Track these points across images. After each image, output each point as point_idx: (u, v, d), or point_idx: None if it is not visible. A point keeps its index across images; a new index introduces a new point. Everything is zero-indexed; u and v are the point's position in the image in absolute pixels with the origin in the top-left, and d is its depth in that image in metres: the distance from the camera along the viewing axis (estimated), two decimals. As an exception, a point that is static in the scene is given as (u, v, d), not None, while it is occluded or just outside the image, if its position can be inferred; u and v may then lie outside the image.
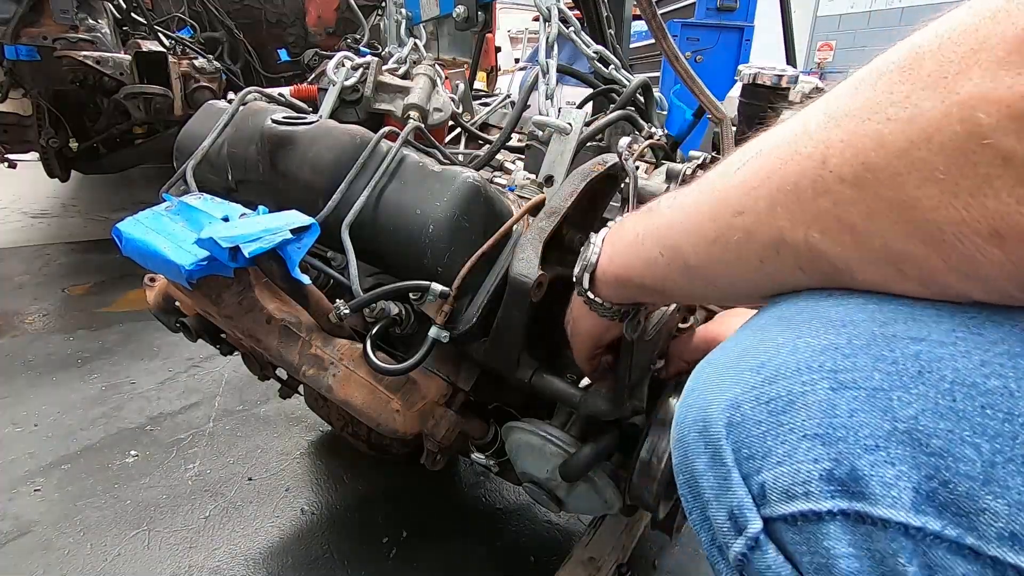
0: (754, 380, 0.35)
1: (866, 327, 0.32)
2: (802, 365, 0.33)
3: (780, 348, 0.34)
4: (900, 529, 0.28)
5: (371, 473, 1.33)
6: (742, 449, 0.34)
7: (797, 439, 0.32)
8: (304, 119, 0.81)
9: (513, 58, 7.42)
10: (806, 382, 0.32)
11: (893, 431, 0.29)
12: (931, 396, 0.29)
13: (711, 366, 0.39)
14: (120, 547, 1.12)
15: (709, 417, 0.36)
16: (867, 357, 0.31)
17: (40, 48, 2.29)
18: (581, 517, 1.22)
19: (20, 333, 1.95)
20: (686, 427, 0.38)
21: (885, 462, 0.29)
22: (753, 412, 0.34)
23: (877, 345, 0.31)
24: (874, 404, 0.30)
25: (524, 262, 0.64)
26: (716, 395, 0.36)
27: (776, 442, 0.32)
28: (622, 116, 0.95)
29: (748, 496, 0.34)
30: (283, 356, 0.73)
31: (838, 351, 0.32)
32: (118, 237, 0.71)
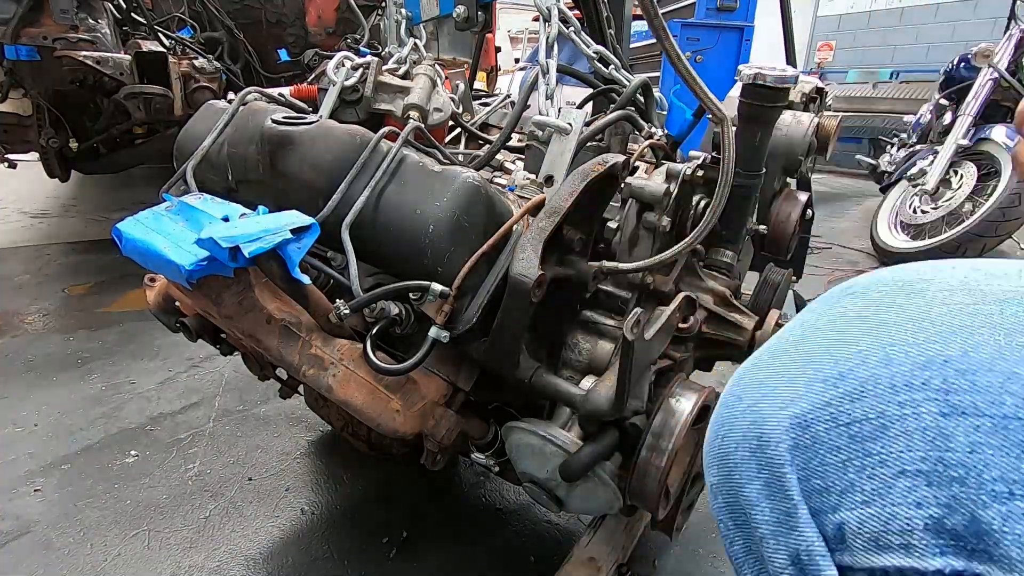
0: (831, 394, 0.28)
1: (986, 335, 0.25)
2: (898, 381, 0.26)
3: (866, 356, 0.28)
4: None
5: (371, 473, 1.33)
6: (813, 479, 0.28)
7: (892, 474, 0.25)
8: (304, 119, 0.80)
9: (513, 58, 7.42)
10: (905, 403, 0.26)
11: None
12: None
13: (764, 368, 0.32)
14: (120, 547, 1.12)
15: (767, 435, 0.30)
16: (992, 375, 0.24)
17: (40, 48, 2.29)
18: (581, 517, 1.22)
19: (20, 333, 1.95)
20: (733, 442, 0.32)
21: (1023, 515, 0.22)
22: (829, 435, 0.27)
23: (1005, 359, 0.24)
24: (1006, 438, 0.23)
25: (524, 262, 0.64)
26: (776, 407, 0.30)
27: (861, 475, 0.26)
28: (622, 116, 0.95)
29: (819, 538, 0.28)
30: (283, 356, 0.73)
31: (949, 365, 0.25)
32: (118, 237, 0.71)
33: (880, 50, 6.19)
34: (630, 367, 0.62)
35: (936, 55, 5.51)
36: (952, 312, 0.27)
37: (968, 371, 0.25)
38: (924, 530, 0.24)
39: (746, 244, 1.09)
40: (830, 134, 1.09)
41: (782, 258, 1.13)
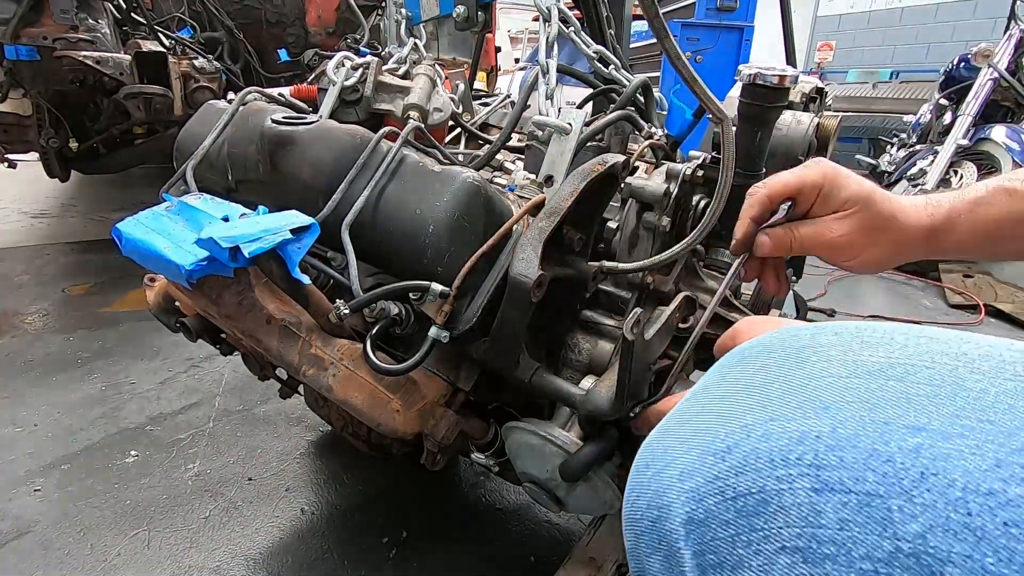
0: (719, 468, 0.29)
1: (853, 410, 0.26)
2: (776, 456, 0.27)
3: (750, 431, 0.29)
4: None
5: (371, 473, 1.33)
6: (707, 554, 0.28)
7: (774, 551, 0.26)
8: (304, 119, 0.80)
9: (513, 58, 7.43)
10: (781, 478, 0.26)
11: (896, 552, 0.23)
12: (939, 507, 0.23)
13: (669, 435, 0.33)
14: (120, 547, 1.12)
15: (665, 505, 0.30)
16: (856, 451, 0.25)
17: (40, 48, 2.29)
18: (581, 517, 1.22)
19: (20, 333, 1.95)
20: (638, 511, 0.32)
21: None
22: (718, 508, 0.28)
23: (867, 435, 0.25)
24: (869, 515, 0.24)
25: (524, 262, 0.64)
26: (674, 479, 0.30)
27: (748, 551, 0.27)
28: (622, 116, 0.95)
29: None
30: (283, 356, 0.73)
31: (820, 440, 0.26)
32: (118, 237, 0.71)
33: (880, 50, 6.19)
34: (630, 367, 0.62)
35: (936, 55, 5.51)
36: (827, 385, 0.28)
37: (836, 447, 0.26)
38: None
39: (746, 244, 1.09)
40: (830, 134, 1.08)
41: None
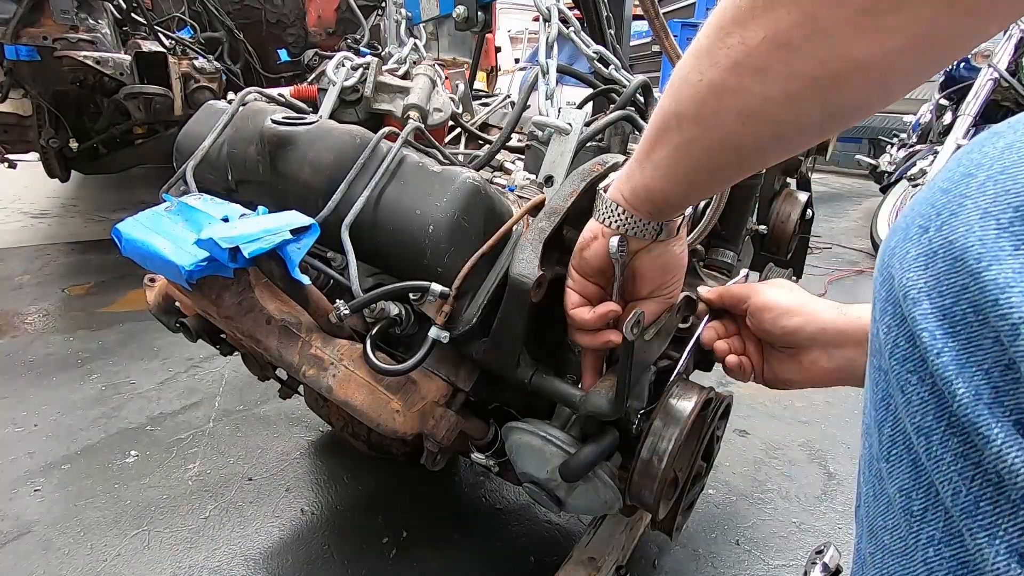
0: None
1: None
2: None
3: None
4: None
5: (371, 473, 1.33)
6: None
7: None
8: (304, 119, 0.80)
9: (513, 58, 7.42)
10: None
11: None
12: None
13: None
14: (120, 547, 1.12)
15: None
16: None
17: (40, 48, 2.29)
18: (581, 517, 1.22)
19: (20, 333, 1.95)
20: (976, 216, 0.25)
21: None
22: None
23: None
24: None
25: (524, 262, 0.64)
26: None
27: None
28: (622, 116, 0.95)
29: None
30: (283, 357, 0.73)
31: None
32: (118, 237, 0.71)
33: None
34: (630, 367, 0.62)
35: (936, 55, 5.48)
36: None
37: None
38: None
39: (746, 244, 1.09)
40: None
41: (782, 258, 1.14)
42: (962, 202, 0.26)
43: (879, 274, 0.31)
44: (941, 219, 0.27)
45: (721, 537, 1.20)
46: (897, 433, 0.28)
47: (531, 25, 7.69)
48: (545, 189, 0.86)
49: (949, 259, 0.26)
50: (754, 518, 1.25)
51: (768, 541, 1.19)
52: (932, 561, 0.25)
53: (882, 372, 0.29)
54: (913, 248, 0.28)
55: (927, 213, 0.28)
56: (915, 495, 0.27)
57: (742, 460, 1.43)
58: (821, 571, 0.83)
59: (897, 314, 0.28)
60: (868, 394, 0.32)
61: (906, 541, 0.27)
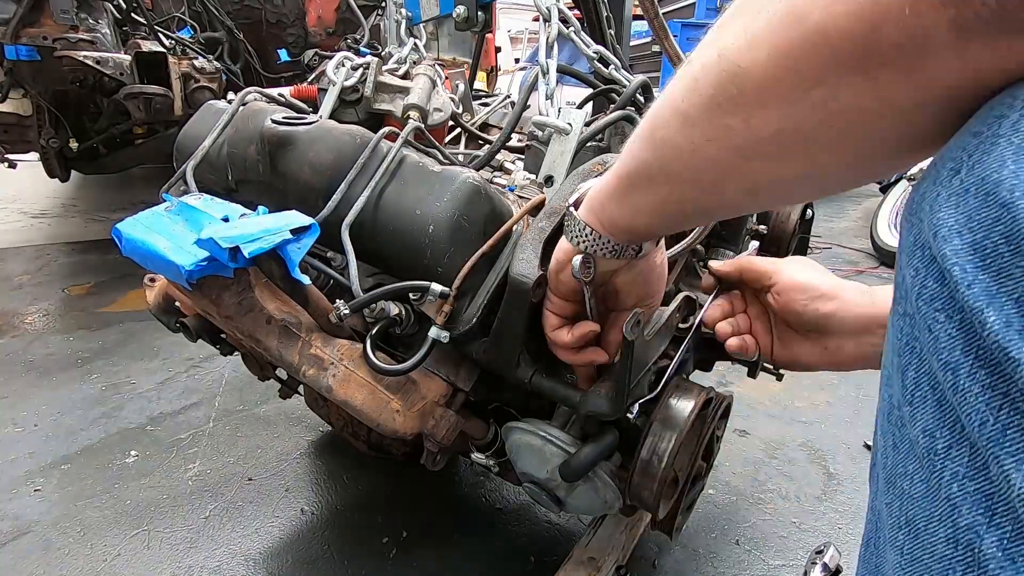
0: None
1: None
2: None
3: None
4: None
5: (371, 473, 1.33)
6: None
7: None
8: (304, 119, 0.80)
9: (513, 58, 7.42)
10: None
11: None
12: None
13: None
14: (120, 547, 1.12)
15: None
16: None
17: (40, 48, 2.30)
18: (581, 517, 1.22)
19: (20, 333, 1.95)
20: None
21: None
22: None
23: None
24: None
25: (524, 262, 0.64)
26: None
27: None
28: (622, 116, 0.95)
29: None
30: (283, 356, 0.73)
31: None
32: (118, 237, 0.71)
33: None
34: (630, 367, 0.62)
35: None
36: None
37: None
38: None
39: (746, 244, 1.09)
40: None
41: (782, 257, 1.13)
42: (995, 141, 0.26)
43: (906, 220, 0.31)
44: (973, 159, 0.26)
45: (721, 537, 1.20)
46: (922, 375, 0.28)
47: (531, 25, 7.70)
48: (545, 189, 0.86)
49: (981, 195, 0.25)
50: (754, 518, 1.25)
51: (768, 541, 1.19)
52: (956, 497, 0.25)
53: (908, 317, 0.29)
54: (944, 190, 0.27)
55: (958, 156, 0.28)
56: (939, 434, 0.26)
57: (742, 460, 1.43)
58: (821, 571, 0.84)
59: (926, 255, 0.28)
60: (890, 343, 0.32)
61: (928, 482, 0.27)
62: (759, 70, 0.32)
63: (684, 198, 0.44)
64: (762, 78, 0.32)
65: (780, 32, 0.31)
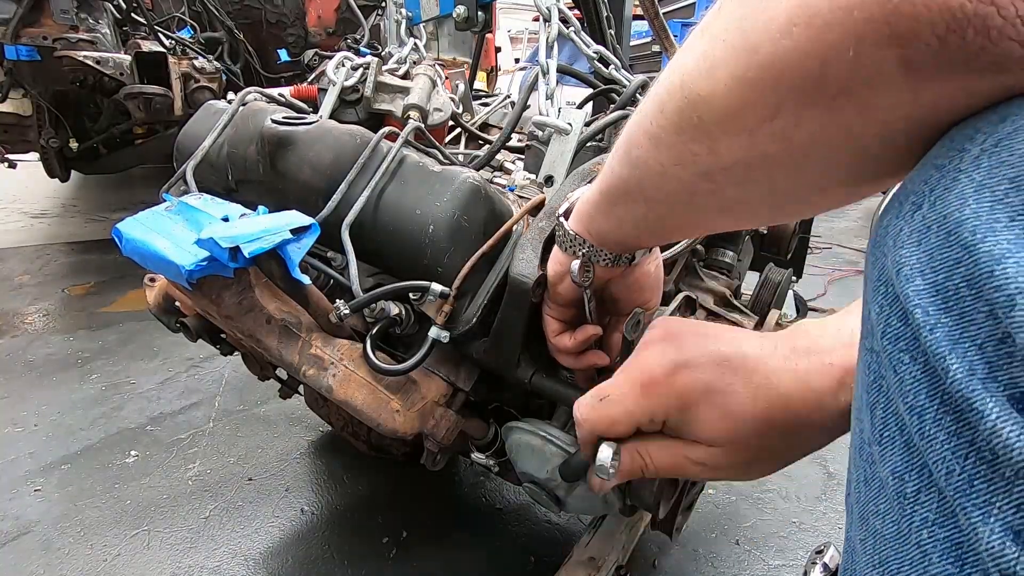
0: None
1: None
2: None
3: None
4: None
5: (371, 473, 1.33)
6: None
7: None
8: (304, 119, 0.80)
9: (513, 58, 7.43)
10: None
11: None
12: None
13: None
14: (120, 547, 1.12)
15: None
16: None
17: (40, 48, 2.30)
18: (581, 517, 1.22)
19: (20, 333, 1.95)
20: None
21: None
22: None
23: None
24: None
25: (524, 262, 0.64)
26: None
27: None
28: (622, 116, 0.95)
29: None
30: (283, 356, 0.73)
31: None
32: (118, 237, 0.71)
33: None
34: (630, 367, 0.62)
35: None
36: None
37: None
38: None
39: (746, 244, 1.09)
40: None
41: (782, 258, 1.14)
42: (956, 177, 0.25)
43: (871, 254, 0.30)
44: (935, 195, 0.26)
45: (721, 537, 1.20)
46: (889, 415, 0.27)
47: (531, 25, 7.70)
48: (545, 189, 0.86)
49: (942, 233, 0.25)
50: (754, 518, 1.25)
51: (768, 541, 1.19)
52: (926, 543, 0.25)
53: (874, 353, 0.29)
54: (906, 226, 0.27)
55: (920, 190, 0.27)
56: (908, 477, 0.26)
57: (742, 460, 1.43)
58: (821, 571, 0.83)
59: (890, 293, 0.27)
60: (859, 377, 0.31)
61: (899, 525, 0.26)
62: (719, 100, 0.32)
63: (661, 215, 0.44)
64: (722, 107, 0.32)
65: (736, 62, 0.30)
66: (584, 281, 0.56)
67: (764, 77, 0.29)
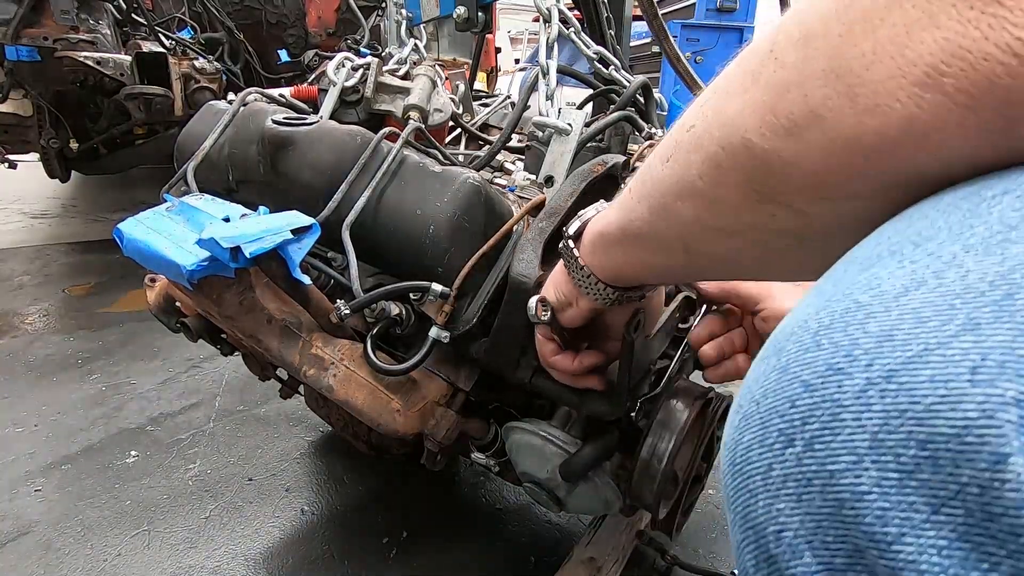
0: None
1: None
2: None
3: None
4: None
5: (371, 473, 1.33)
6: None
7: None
8: (304, 120, 0.81)
9: (513, 59, 7.43)
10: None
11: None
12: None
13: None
14: (120, 547, 1.12)
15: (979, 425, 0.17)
16: None
17: (41, 49, 2.30)
18: (581, 517, 1.22)
19: (20, 333, 1.95)
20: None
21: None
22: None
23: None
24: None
25: (524, 262, 0.64)
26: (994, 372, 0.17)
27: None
28: (622, 117, 0.95)
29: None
30: (284, 356, 0.73)
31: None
32: (119, 237, 0.71)
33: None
34: (630, 367, 0.62)
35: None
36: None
37: None
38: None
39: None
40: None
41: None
42: (838, 413, 0.19)
43: (731, 475, 0.24)
44: (810, 432, 0.20)
45: (721, 537, 1.20)
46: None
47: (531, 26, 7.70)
48: (545, 189, 0.86)
49: (832, 501, 0.19)
50: (754, 518, 1.25)
51: (768, 541, 1.19)
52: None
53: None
54: (778, 466, 0.21)
55: (788, 414, 0.21)
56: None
57: (742, 460, 1.43)
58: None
59: (763, 554, 0.22)
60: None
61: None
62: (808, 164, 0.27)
63: (702, 267, 0.41)
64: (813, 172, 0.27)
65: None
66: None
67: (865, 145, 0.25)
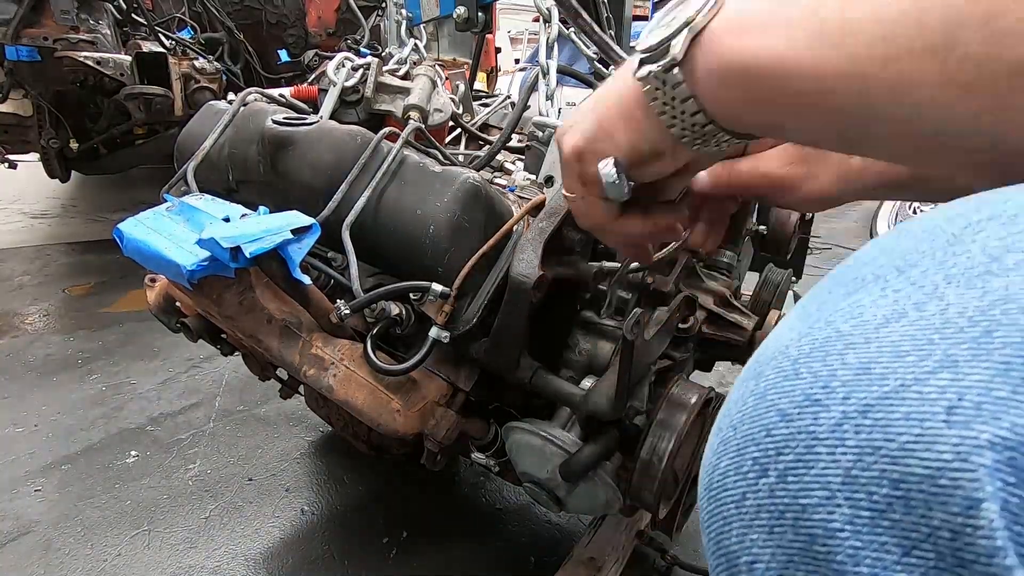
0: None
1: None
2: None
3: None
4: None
5: (371, 473, 1.33)
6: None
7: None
8: (304, 120, 0.81)
9: (513, 59, 7.43)
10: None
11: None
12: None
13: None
14: (120, 547, 1.12)
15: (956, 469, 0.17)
16: None
17: (41, 49, 2.30)
18: (581, 517, 1.22)
19: (20, 333, 1.95)
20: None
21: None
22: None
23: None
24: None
25: (524, 262, 0.64)
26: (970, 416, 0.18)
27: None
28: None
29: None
30: (284, 356, 0.73)
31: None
32: (119, 237, 0.71)
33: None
34: (630, 367, 0.62)
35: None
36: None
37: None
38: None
39: (746, 244, 1.09)
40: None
41: (782, 258, 1.14)
42: (812, 446, 0.19)
43: (706, 500, 0.24)
44: (784, 464, 0.20)
45: (721, 537, 1.20)
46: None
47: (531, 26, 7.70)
48: (545, 189, 0.86)
49: (803, 536, 0.19)
50: (754, 518, 1.25)
51: (768, 541, 1.19)
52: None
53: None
54: (752, 495, 0.21)
55: (763, 443, 0.21)
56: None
57: (742, 460, 1.43)
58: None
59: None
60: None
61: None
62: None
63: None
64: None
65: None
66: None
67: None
